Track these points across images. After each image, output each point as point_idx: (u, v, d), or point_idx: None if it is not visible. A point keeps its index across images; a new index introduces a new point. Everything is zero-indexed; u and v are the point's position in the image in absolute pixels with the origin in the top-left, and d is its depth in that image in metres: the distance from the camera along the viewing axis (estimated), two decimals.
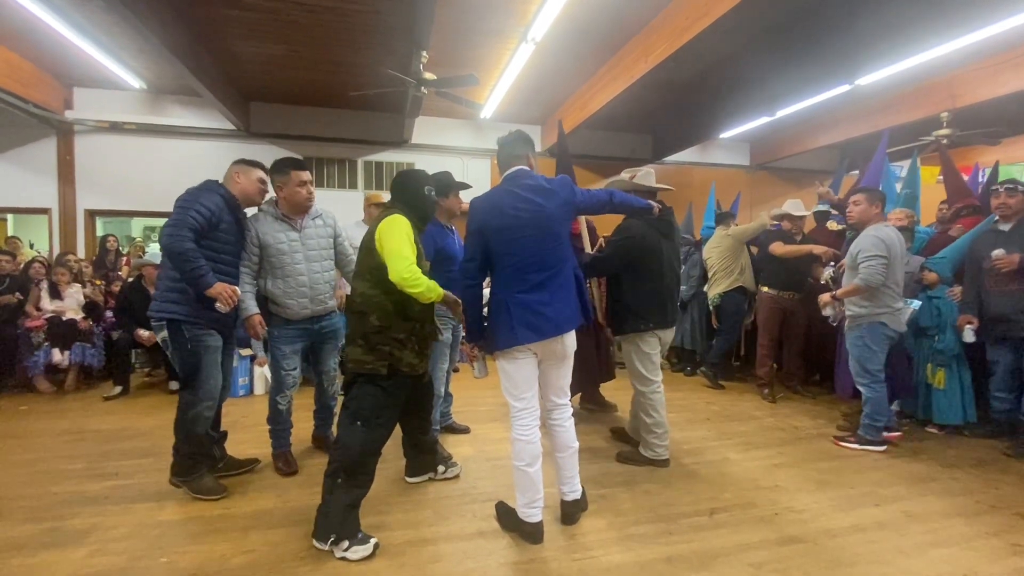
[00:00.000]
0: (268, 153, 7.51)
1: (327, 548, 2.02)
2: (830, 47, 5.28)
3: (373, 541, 2.05)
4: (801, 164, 9.68)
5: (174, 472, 2.54)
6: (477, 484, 2.71)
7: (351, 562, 1.98)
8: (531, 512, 2.13)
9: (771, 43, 5.20)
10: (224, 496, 2.51)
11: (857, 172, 5.84)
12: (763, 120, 7.60)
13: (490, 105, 7.20)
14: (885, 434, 3.25)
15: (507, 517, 2.25)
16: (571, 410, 2.29)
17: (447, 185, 3.04)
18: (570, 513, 2.29)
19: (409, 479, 2.72)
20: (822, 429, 3.62)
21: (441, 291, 2.15)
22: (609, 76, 6.09)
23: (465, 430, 3.53)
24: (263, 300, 2.74)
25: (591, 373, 3.85)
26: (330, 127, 7.60)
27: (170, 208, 2.51)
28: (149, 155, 7.08)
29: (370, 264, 2.17)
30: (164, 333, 2.47)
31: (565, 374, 2.25)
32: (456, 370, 5.56)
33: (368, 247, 2.20)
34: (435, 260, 2.91)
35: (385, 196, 3.46)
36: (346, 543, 2.00)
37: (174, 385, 4.56)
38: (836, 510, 2.45)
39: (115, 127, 6.94)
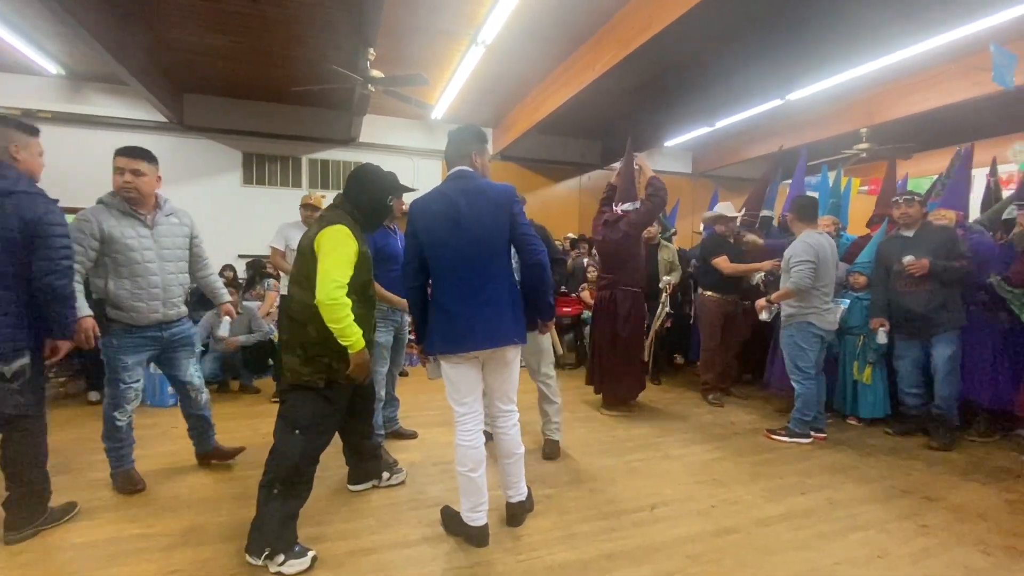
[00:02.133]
0: (203, 148, 7.16)
1: (261, 563, 1.92)
2: (765, 64, 5.60)
3: (311, 554, 1.97)
4: (740, 173, 10.20)
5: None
6: (424, 490, 2.66)
7: None
8: (476, 516, 2.11)
9: (710, 57, 5.46)
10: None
11: (791, 181, 6.23)
12: (704, 130, 7.96)
13: (441, 106, 7.15)
14: (813, 434, 3.46)
15: (452, 522, 2.22)
16: (516, 416, 2.27)
17: (397, 186, 2.97)
18: (515, 515, 2.29)
19: (352, 487, 2.63)
20: (756, 424, 3.81)
21: (360, 344, 2.01)
22: (559, 81, 6.18)
23: (412, 435, 3.47)
24: (95, 305, 2.42)
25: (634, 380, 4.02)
26: (272, 123, 7.31)
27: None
28: (68, 147, 6.53)
29: (308, 271, 2.08)
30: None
31: (507, 379, 2.21)
32: (405, 374, 5.49)
33: (306, 252, 2.11)
34: (375, 259, 2.85)
35: (326, 198, 3.34)
36: (282, 557, 1.91)
37: (94, 396, 4.23)
38: (767, 500, 2.58)
39: (28, 115, 6.36)
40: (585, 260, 6.53)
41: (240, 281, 6.56)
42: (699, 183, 10.22)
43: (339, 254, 2.01)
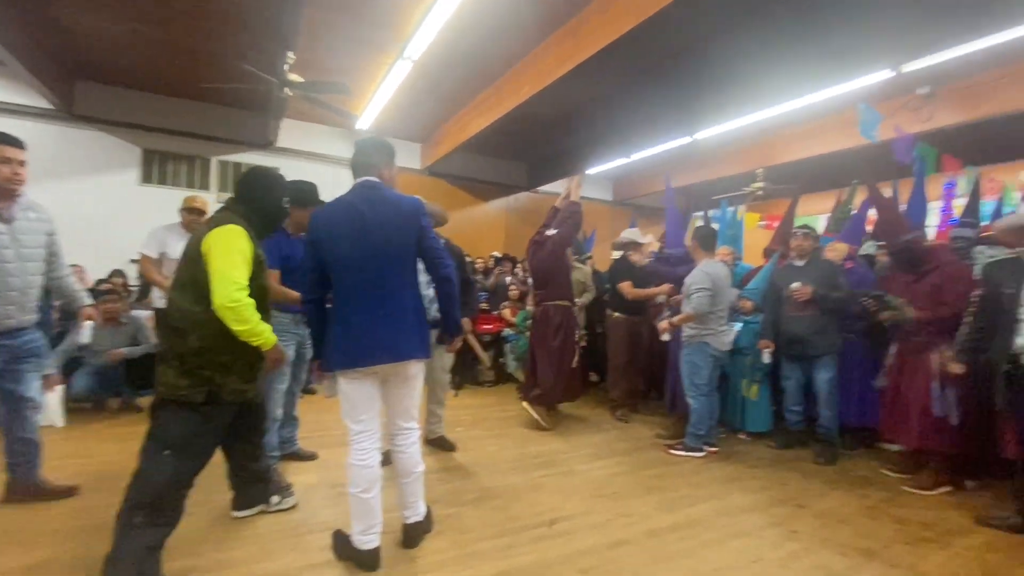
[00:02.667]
0: (95, 140, 6.52)
1: None
2: (674, 103, 6.05)
3: None
4: (655, 202, 10.84)
5: None
6: (317, 513, 2.52)
7: None
8: (367, 539, 2.02)
9: (624, 94, 5.81)
10: None
11: (700, 213, 6.75)
12: (622, 160, 8.42)
13: (367, 117, 7.04)
14: (706, 448, 3.68)
15: (343, 546, 2.11)
16: (417, 434, 2.22)
17: (309, 198, 2.85)
18: (412, 536, 2.22)
19: (237, 513, 2.42)
20: (656, 440, 3.99)
21: (272, 339, 1.98)
22: (485, 104, 6.31)
23: (312, 456, 3.28)
24: None
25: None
26: (178, 119, 6.80)
27: None
28: None
29: (194, 275, 1.93)
30: None
31: (409, 395, 2.16)
32: (311, 391, 5.22)
33: (193, 256, 1.96)
34: (282, 270, 2.72)
35: (211, 201, 3.13)
36: None
37: None
38: (660, 512, 2.70)
39: None
40: (508, 278, 6.61)
41: (131, 288, 5.98)
42: (618, 211, 10.75)
43: (235, 255, 1.90)
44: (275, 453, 2.89)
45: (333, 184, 7.69)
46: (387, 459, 2.22)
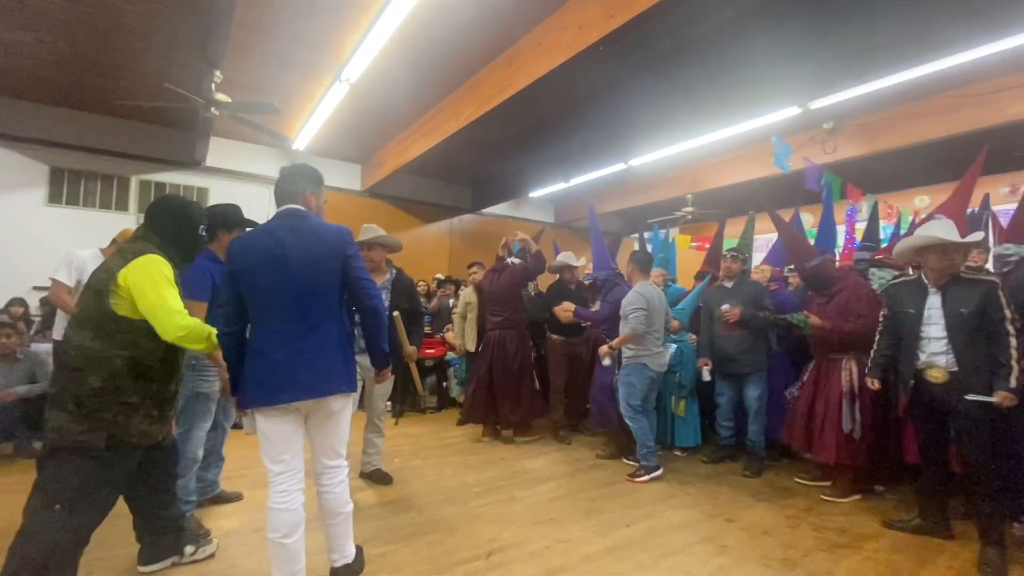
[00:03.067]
0: None
1: None
2: (607, 130, 6.32)
3: None
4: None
5: None
6: (237, 562, 2.35)
7: None
8: None
9: (561, 121, 6.01)
10: None
11: (637, 235, 7.04)
12: (561, 185, 8.65)
13: (303, 137, 6.85)
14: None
15: None
16: (345, 472, 2.12)
17: (233, 221, 2.70)
18: None
19: (144, 568, 2.20)
20: (596, 461, 4.04)
21: (215, 341, 1.96)
22: (426, 127, 6.33)
23: (237, 497, 3.07)
24: None
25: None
26: (90, 135, 6.32)
27: None
28: None
29: (99, 309, 1.81)
30: None
31: (334, 432, 2.06)
32: (239, 426, 4.91)
33: (99, 288, 1.84)
34: (213, 300, 2.56)
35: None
36: None
37: None
38: (596, 535, 2.72)
39: None
40: (451, 301, 6.57)
41: (32, 319, 5.44)
42: (560, 232, 11.00)
43: (162, 283, 1.85)
44: (192, 498, 2.66)
45: (270, 206, 7.44)
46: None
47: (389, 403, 4.02)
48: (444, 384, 6.19)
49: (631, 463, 3.83)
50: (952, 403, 2.55)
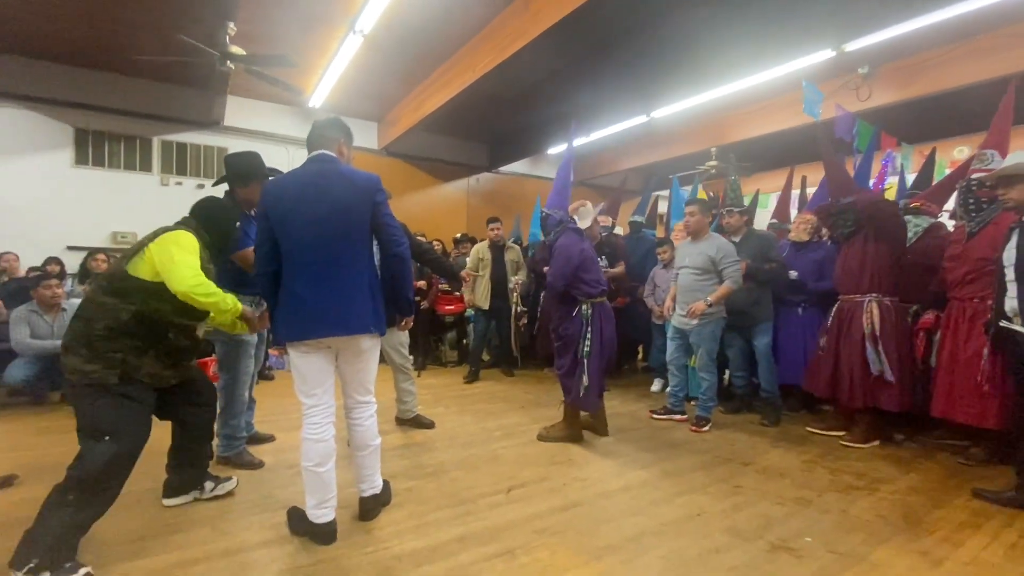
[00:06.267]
0: (20, 119, 6.08)
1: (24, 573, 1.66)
2: (629, 80, 6.10)
3: (84, 570, 1.72)
4: (614, 182, 10.97)
5: None
6: (272, 493, 2.50)
7: None
8: (322, 513, 2.03)
9: (582, 70, 5.81)
10: None
11: (663, 193, 6.86)
12: (581, 140, 8.44)
13: (319, 94, 6.80)
14: (676, 415, 3.84)
15: (298, 521, 2.11)
16: (374, 408, 2.22)
17: (251, 172, 2.73)
18: (369, 509, 2.24)
19: (167, 501, 2.33)
20: (616, 408, 4.10)
21: (239, 306, 2.06)
22: (440, 81, 6.20)
23: (269, 438, 3.25)
24: None
25: None
26: (114, 96, 6.37)
27: None
28: None
29: (116, 269, 1.98)
30: None
31: (365, 369, 2.16)
32: (270, 377, 5.12)
33: (125, 255, 2.02)
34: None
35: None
36: (47, 573, 1.67)
37: None
38: (612, 476, 2.80)
39: None
40: (467, 259, 6.59)
41: (68, 276, 5.66)
42: (578, 191, 10.83)
43: (183, 249, 1.98)
44: (242, 434, 2.88)
45: (287, 164, 7.50)
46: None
47: (411, 356, 4.11)
48: (464, 340, 6.30)
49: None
50: None
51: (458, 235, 7.58)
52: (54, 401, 4.10)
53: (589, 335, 3.21)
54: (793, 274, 3.86)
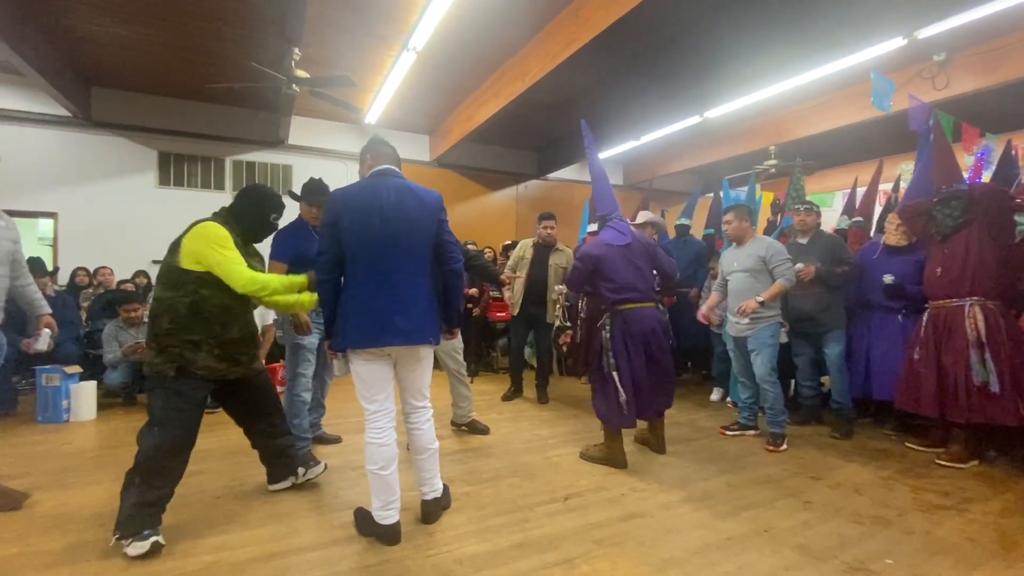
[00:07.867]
0: (114, 146, 6.70)
1: (112, 545, 2.01)
2: (682, 80, 5.97)
3: (152, 539, 1.98)
4: (666, 185, 10.77)
5: None
6: (339, 494, 2.61)
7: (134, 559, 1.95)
8: (387, 514, 2.10)
9: (632, 73, 5.77)
10: None
11: (712, 195, 6.63)
12: (631, 144, 8.35)
13: (374, 111, 7.10)
14: (749, 429, 3.66)
15: (364, 522, 2.20)
16: (430, 412, 2.30)
17: (319, 191, 3.02)
18: (430, 512, 2.30)
19: (272, 487, 2.60)
20: (675, 418, 3.99)
21: (312, 298, 2.25)
22: (491, 91, 6.31)
23: (336, 440, 3.40)
24: None
25: None
26: (191, 121, 6.95)
27: None
28: None
29: (168, 265, 2.15)
30: None
31: (420, 375, 2.23)
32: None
33: (172, 248, 2.18)
34: (292, 262, 2.82)
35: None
36: (129, 540, 1.98)
37: None
38: (673, 487, 2.73)
39: None
40: None
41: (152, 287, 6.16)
42: (629, 194, 10.67)
43: (217, 244, 2.11)
44: (308, 435, 3.05)
45: (345, 179, 7.86)
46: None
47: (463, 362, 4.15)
48: None
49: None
50: None
51: (508, 242, 7.66)
52: (143, 402, 4.46)
53: (611, 346, 2.97)
54: (888, 278, 3.49)
